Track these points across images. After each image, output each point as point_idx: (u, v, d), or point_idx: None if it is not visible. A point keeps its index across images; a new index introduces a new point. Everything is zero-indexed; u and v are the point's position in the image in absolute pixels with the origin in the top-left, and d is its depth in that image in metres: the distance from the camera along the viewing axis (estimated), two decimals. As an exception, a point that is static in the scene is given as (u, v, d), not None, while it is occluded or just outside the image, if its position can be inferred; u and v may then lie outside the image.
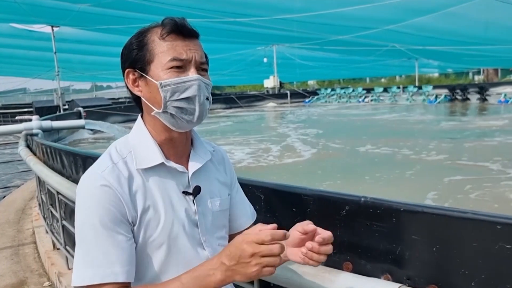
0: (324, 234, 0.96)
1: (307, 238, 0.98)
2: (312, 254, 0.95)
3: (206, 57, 1.06)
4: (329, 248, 0.95)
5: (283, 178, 6.82)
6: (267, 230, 0.85)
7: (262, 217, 1.52)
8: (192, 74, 0.99)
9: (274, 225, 0.87)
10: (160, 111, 1.00)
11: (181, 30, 1.00)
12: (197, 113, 1.01)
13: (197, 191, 1.06)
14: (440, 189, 5.78)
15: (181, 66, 0.99)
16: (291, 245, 1.02)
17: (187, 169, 1.07)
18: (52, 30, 20.12)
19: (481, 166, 7.16)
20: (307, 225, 1.00)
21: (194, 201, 1.06)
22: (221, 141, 11.45)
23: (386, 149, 9.29)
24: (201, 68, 1.03)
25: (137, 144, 1.04)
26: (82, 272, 0.93)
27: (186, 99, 0.99)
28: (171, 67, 0.98)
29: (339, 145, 10.13)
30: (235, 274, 0.86)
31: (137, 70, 1.02)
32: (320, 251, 0.94)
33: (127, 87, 1.06)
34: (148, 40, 1.01)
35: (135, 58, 1.01)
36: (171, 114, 1.00)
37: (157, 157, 1.02)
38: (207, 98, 1.03)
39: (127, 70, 1.04)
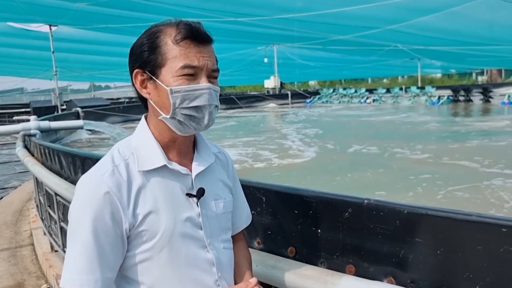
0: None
1: None
2: None
3: (216, 60, 1.05)
4: None
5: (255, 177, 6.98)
6: None
7: (264, 219, 1.50)
8: (203, 82, 0.99)
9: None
10: (168, 116, 0.99)
11: (196, 36, 0.99)
12: (205, 121, 1.01)
13: (200, 193, 1.05)
14: (396, 188, 5.88)
15: (192, 74, 0.98)
16: None
17: (191, 170, 1.06)
18: (50, 29, 20.03)
19: (460, 165, 7.22)
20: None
21: (198, 203, 1.05)
22: (219, 142, 11.44)
23: (374, 149, 9.39)
24: (212, 75, 1.02)
25: (140, 145, 1.03)
26: (67, 274, 0.94)
27: (196, 107, 0.98)
28: (182, 74, 0.97)
29: (332, 146, 10.28)
30: None
31: (146, 72, 1.01)
32: None
33: (134, 87, 1.05)
34: (161, 42, 0.99)
35: (146, 60, 1.00)
36: (179, 120, 0.99)
37: (159, 159, 1.02)
38: (216, 106, 1.03)
39: (135, 70, 1.02)
